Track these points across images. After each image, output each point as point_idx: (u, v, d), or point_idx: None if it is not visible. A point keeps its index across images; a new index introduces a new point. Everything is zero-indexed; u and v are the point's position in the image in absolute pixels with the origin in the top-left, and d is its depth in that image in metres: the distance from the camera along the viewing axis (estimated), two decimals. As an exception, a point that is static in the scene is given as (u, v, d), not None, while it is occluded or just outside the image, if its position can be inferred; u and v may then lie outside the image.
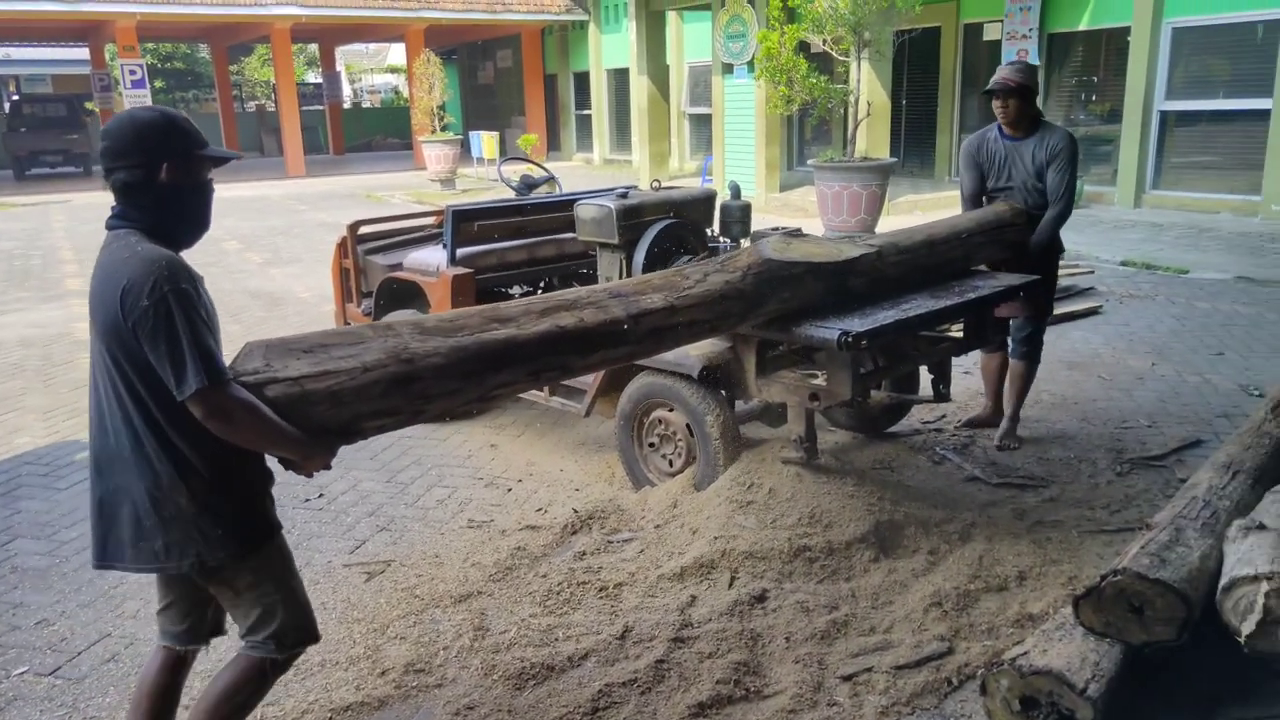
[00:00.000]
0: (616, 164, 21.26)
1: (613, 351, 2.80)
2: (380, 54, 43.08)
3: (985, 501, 3.96)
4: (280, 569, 2.21)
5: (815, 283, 3.38)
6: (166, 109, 2.16)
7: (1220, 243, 9.68)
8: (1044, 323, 4.63)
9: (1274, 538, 2.51)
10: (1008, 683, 2.44)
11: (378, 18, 21.07)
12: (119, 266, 1.96)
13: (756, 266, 3.23)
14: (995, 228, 4.20)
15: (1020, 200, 4.36)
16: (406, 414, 2.30)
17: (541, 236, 5.41)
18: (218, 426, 1.96)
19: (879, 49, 10.33)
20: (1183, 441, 4.52)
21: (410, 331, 2.35)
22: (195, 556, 2.06)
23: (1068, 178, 4.26)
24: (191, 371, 1.90)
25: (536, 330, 2.55)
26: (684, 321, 2.96)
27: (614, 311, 2.78)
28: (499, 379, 2.47)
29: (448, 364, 2.32)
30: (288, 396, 2.07)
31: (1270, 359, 5.77)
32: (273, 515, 2.21)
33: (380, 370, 2.19)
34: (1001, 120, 4.37)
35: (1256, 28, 10.99)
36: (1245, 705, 2.61)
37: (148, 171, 2.03)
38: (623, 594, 3.31)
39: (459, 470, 4.59)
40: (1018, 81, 4.24)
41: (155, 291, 1.90)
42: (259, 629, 2.20)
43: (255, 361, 2.11)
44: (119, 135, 2.04)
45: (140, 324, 1.91)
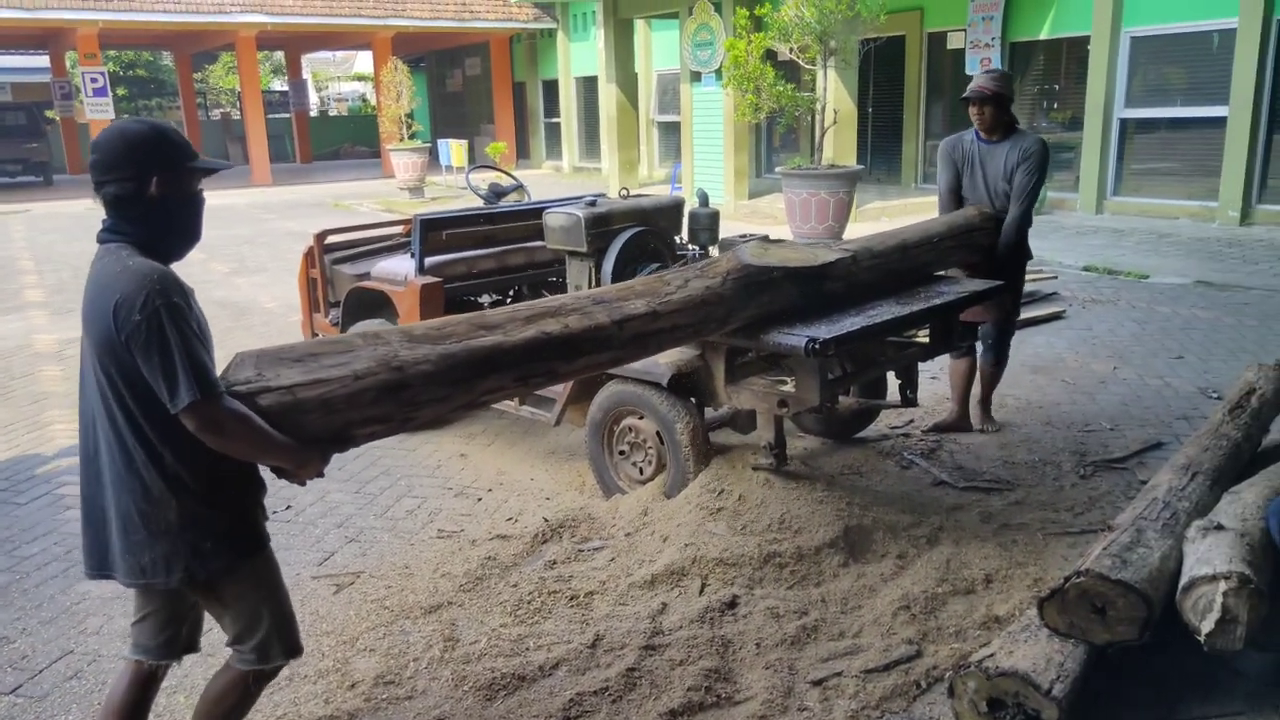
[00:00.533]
0: (586, 172, 21.29)
1: (597, 356, 2.85)
2: (347, 62, 42.81)
3: (952, 505, 4.00)
4: (268, 581, 2.22)
5: (792, 287, 3.43)
6: (156, 122, 2.17)
7: (1179, 248, 9.87)
8: (1011, 326, 4.74)
9: (1232, 538, 2.56)
10: (975, 685, 2.47)
11: (344, 25, 20.95)
12: (111, 281, 1.97)
13: (735, 272, 3.28)
14: (965, 231, 4.30)
15: (989, 203, 4.47)
16: (397, 421, 2.33)
17: (510, 245, 5.41)
18: (211, 439, 1.98)
19: (845, 57, 10.44)
20: (1144, 444, 4.59)
21: (399, 339, 2.38)
22: (184, 570, 2.07)
23: (1033, 181, 4.37)
24: (184, 385, 1.91)
25: (523, 337, 2.59)
26: (667, 326, 3.01)
27: (598, 317, 2.82)
28: (487, 385, 2.51)
29: (437, 371, 2.35)
30: (280, 405, 2.09)
31: (1228, 362, 5.88)
32: (263, 527, 2.22)
33: (371, 378, 2.22)
34: (978, 126, 4.50)
35: (1212, 37, 11.23)
36: (1206, 703, 2.66)
37: (138, 185, 2.04)
38: (594, 602, 3.30)
39: (428, 480, 4.57)
40: (994, 89, 4.38)
41: (148, 306, 1.91)
42: (244, 639, 2.21)
43: (247, 371, 2.13)
44: (109, 148, 2.04)
45: (133, 338, 1.92)
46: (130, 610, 2.28)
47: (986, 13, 13.24)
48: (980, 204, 4.52)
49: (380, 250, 5.72)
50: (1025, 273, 4.78)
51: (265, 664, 2.24)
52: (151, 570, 2.07)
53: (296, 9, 19.85)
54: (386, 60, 19.02)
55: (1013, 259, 4.49)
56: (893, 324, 3.51)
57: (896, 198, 13.71)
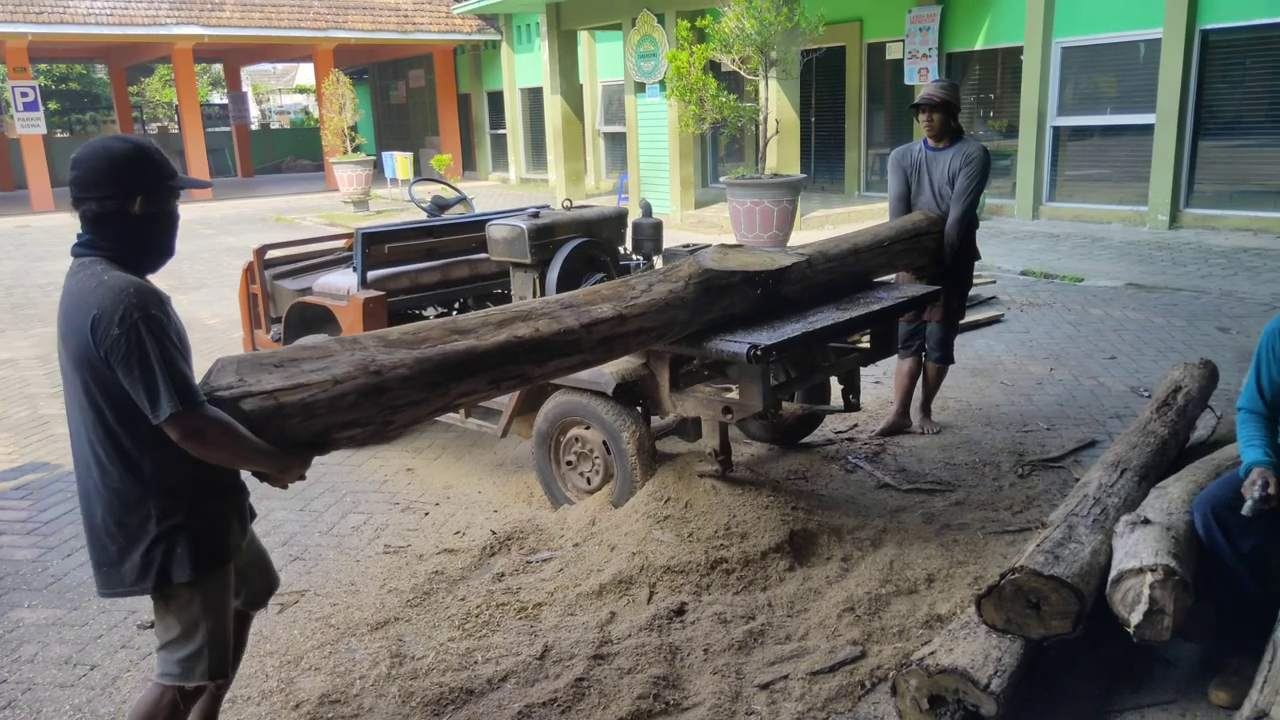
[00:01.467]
0: (533, 183, 21.26)
1: (568, 360, 2.92)
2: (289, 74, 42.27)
3: (896, 507, 4.07)
4: (216, 598, 2.23)
5: (751, 290, 3.54)
6: (139, 140, 2.16)
7: (1112, 251, 10.15)
8: (956, 326, 4.90)
9: (1158, 531, 2.64)
10: (916, 683, 2.51)
11: (284, 38, 20.68)
12: (88, 296, 1.98)
13: (697, 276, 3.38)
14: (914, 235, 4.46)
15: (936, 207, 4.67)
16: (376, 424, 2.38)
17: (454, 257, 5.39)
18: (194, 447, 2.00)
19: (786, 68, 10.58)
20: (1079, 443, 4.72)
21: (376, 344, 2.45)
22: (156, 577, 2.10)
23: (973, 185, 4.55)
24: (165, 396, 1.94)
25: (495, 341, 2.67)
26: (633, 329, 3.11)
27: (567, 321, 2.91)
28: (462, 388, 2.57)
29: (413, 375, 2.41)
30: (263, 410, 2.12)
31: (1158, 361, 6.07)
32: (230, 542, 2.24)
33: (350, 382, 2.28)
34: (926, 132, 4.72)
35: (1139, 46, 11.59)
36: (1138, 692, 2.74)
37: (121, 204, 2.05)
38: (542, 614, 3.30)
39: (374, 495, 4.53)
40: (941, 97, 4.59)
41: (126, 320, 1.93)
42: (175, 648, 2.21)
43: (229, 377, 2.16)
44: (91, 167, 2.04)
45: (113, 352, 1.94)
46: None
47: (923, 24, 13.52)
48: (927, 209, 4.67)
49: (322, 265, 5.67)
50: (972, 274, 4.95)
51: (187, 680, 2.22)
52: (128, 580, 2.11)
53: (235, 21, 19.54)
54: (328, 72, 18.82)
55: (959, 260, 4.65)
56: (833, 330, 3.57)
57: (840, 205, 13.91)
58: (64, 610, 3.53)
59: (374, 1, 21.17)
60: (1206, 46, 10.87)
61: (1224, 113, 11.01)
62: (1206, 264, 9.20)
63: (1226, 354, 6.02)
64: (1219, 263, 9.23)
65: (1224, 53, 10.86)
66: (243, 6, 19.61)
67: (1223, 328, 6.87)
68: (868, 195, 15.13)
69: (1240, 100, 10.92)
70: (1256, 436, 2.76)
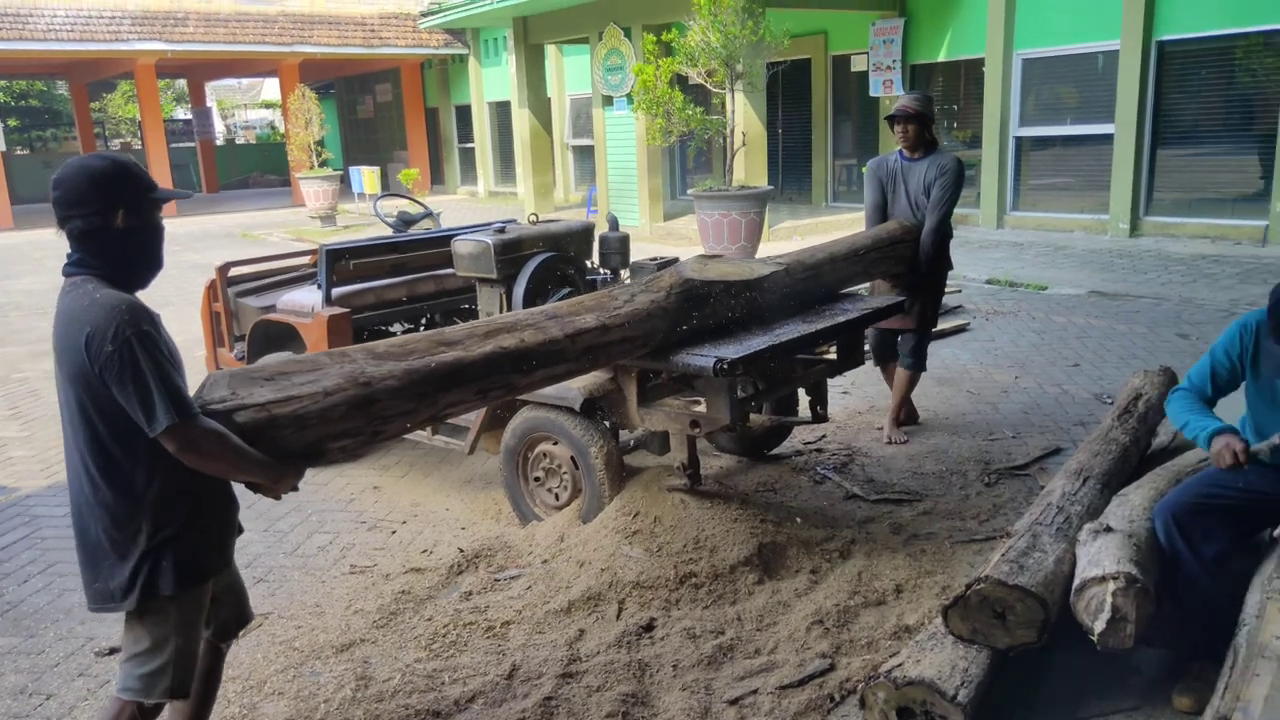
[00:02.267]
0: (502, 196, 21.22)
1: (553, 369, 2.96)
2: (254, 89, 41.94)
3: (864, 518, 4.08)
4: (189, 617, 2.24)
5: (731, 299, 3.57)
6: (117, 156, 2.22)
7: (1074, 260, 10.29)
8: (929, 334, 4.99)
9: (1120, 539, 2.67)
10: (884, 695, 2.51)
11: (249, 53, 20.54)
12: (80, 314, 2.03)
13: (678, 286, 3.43)
14: (889, 244, 4.55)
15: (911, 216, 4.76)
16: (366, 434, 2.43)
17: (420, 273, 5.36)
18: (190, 459, 2.05)
19: (751, 80, 10.65)
20: (1044, 450, 4.76)
21: (364, 357, 2.49)
22: (141, 592, 2.12)
23: (948, 195, 4.66)
24: (161, 409, 1.98)
25: (482, 352, 2.71)
26: (617, 339, 3.15)
27: (552, 332, 2.95)
28: (450, 398, 2.62)
29: (402, 386, 2.46)
30: (255, 422, 2.17)
31: (1120, 368, 6.15)
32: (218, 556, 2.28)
33: (341, 394, 2.32)
34: (901, 143, 4.80)
35: (1097, 58, 11.79)
36: (1104, 700, 2.76)
37: (104, 219, 2.09)
38: (510, 632, 3.27)
39: (340, 515, 4.47)
40: (916, 109, 4.69)
41: (118, 336, 1.98)
42: (141, 662, 2.20)
43: (221, 390, 2.21)
44: (73, 185, 2.09)
45: (107, 369, 1.99)
46: None
47: (887, 36, 13.67)
48: (903, 218, 4.77)
49: (286, 282, 5.61)
50: (945, 282, 5.03)
51: (147, 696, 2.21)
52: (116, 595, 2.13)
53: (198, 36, 19.37)
54: (294, 87, 18.70)
55: (933, 269, 4.75)
56: (798, 342, 3.57)
57: (808, 216, 14.00)
58: (19, 638, 3.45)
59: (340, 16, 21.08)
60: (1163, 57, 11.08)
61: (1181, 122, 11.22)
62: (1166, 271, 9.35)
63: (1186, 360, 6.10)
64: (1178, 270, 9.38)
65: (1180, 63, 11.07)
66: (206, 22, 19.44)
67: (1182, 334, 6.98)
68: (835, 206, 15.25)
69: (1196, 110, 11.13)
70: (1200, 409, 2.84)
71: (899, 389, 5.02)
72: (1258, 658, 2.28)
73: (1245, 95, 10.77)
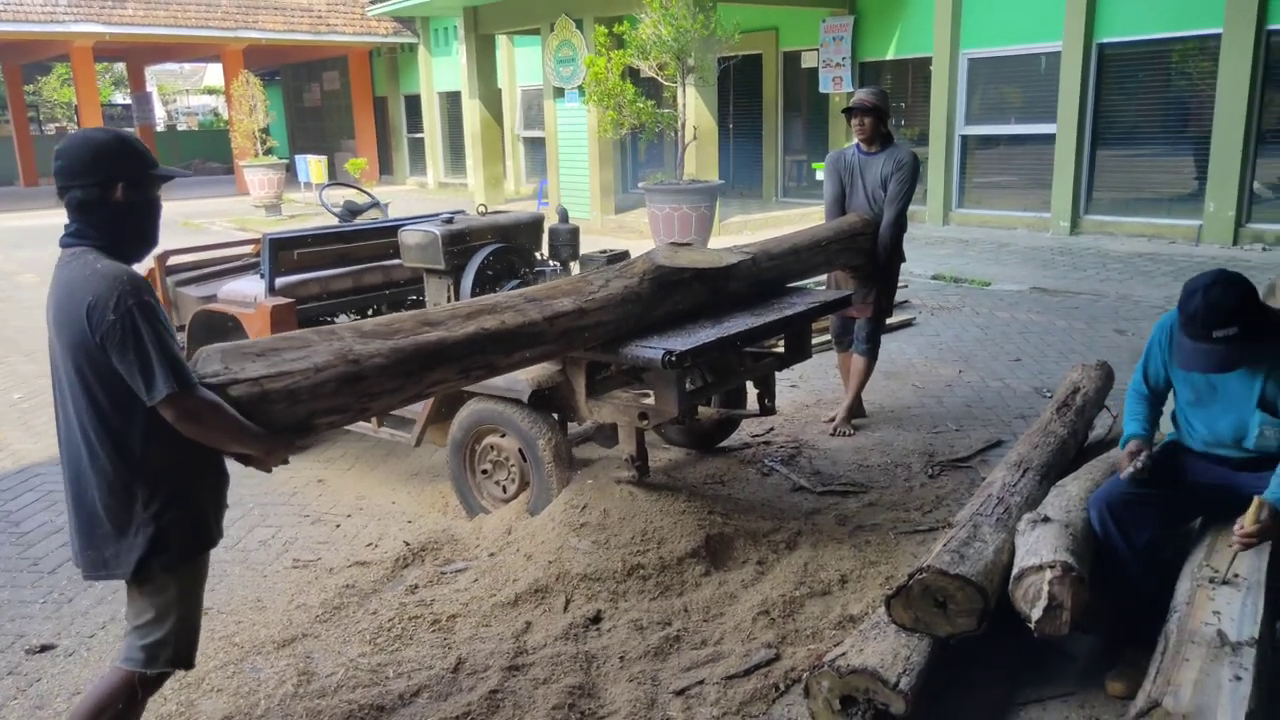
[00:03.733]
0: (452, 187, 21.02)
1: (531, 350, 3.04)
2: (196, 74, 41.00)
3: (810, 509, 4.12)
4: (190, 586, 2.28)
5: (701, 286, 3.68)
6: (119, 131, 2.28)
7: (1017, 256, 10.50)
8: (883, 323, 5.12)
9: (1057, 529, 2.73)
10: (828, 683, 2.54)
11: (191, 37, 20.03)
12: (81, 284, 2.06)
13: (651, 272, 3.52)
14: (849, 236, 4.71)
15: (869, 209, 4.85)
16: (354, 410, 2.52)
17: (367, 263, 5.28)
18: (187, 428, 2.09)
19: (703, 75, 10.67)
20: (986, 443, 4.85)
21: (352, 335, 2.56)
22: (138, 563, 2.16)
23: (905, 189, 4.78)
24: (161, 378, 2.02)
25: (464, 332, 2.80)
26: (592, 323, 3.24)
27: (530, 314, 3.04)
28: (434, 376, 2.71)
29: (389, 364, 2.54)
30: (249, 396, 2.23)
31: (1060, 362, 6.28)
32: (212, 529, 2.30)
33: (330, 370, 2.40)
34: (858, 136, 4.89)
35: (1040, 59, 12.03)
36: (1041, 685, 2.82)
37: (103, 191, 2.14)
38: (456, 625, 3.24)
39: (283, 508, 4.40)
40: (872, 102, 4.80)
41: (120, 306, 2.01)
42: (144, 633, 2.24)
43: (214, 365, 2.26)
44: (75, 156, 2.14)
45: (108, 337, 2.02)
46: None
47: (837, 33, 13.80)
48: (861, 211, 4.85)
49: (228, 271, 5.50)
50: (899, 274, 5.15)
51: (150, 666, 2.24)
52: (112, 564, 2.17)
53: (137, 19, 18.84)
54: (238, 73, 18.31)
55: (888, 261, 4.87)
56: (746, 335, 3.60)
57: (758, 211, 14.09)
58: (-55, 637, 3.34)
59: (285, 2, 20.67)
60: (1103, 60, 11.34)
61: (1120, 123, 11.50)
62: (1105, 268, 9.58)
63: (1123, 355, 6.27)
64: (1116, 267, 9.62)
65: (1119, 65, 11.34)
66: (146, 4, 18.94)
67: (1119, 330, 7.16)
68: (785, 201, 15.37)
69: (1135, 111, 11.42)
70: (1139, 412, 2.98)
71: (856, 377, 5.11)
72: (1187, 643, 2.34)
73: (1181, 98, 11.07)
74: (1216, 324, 2.58)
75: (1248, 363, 2.67)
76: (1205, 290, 2.61)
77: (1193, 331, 2.65)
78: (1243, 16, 9.94)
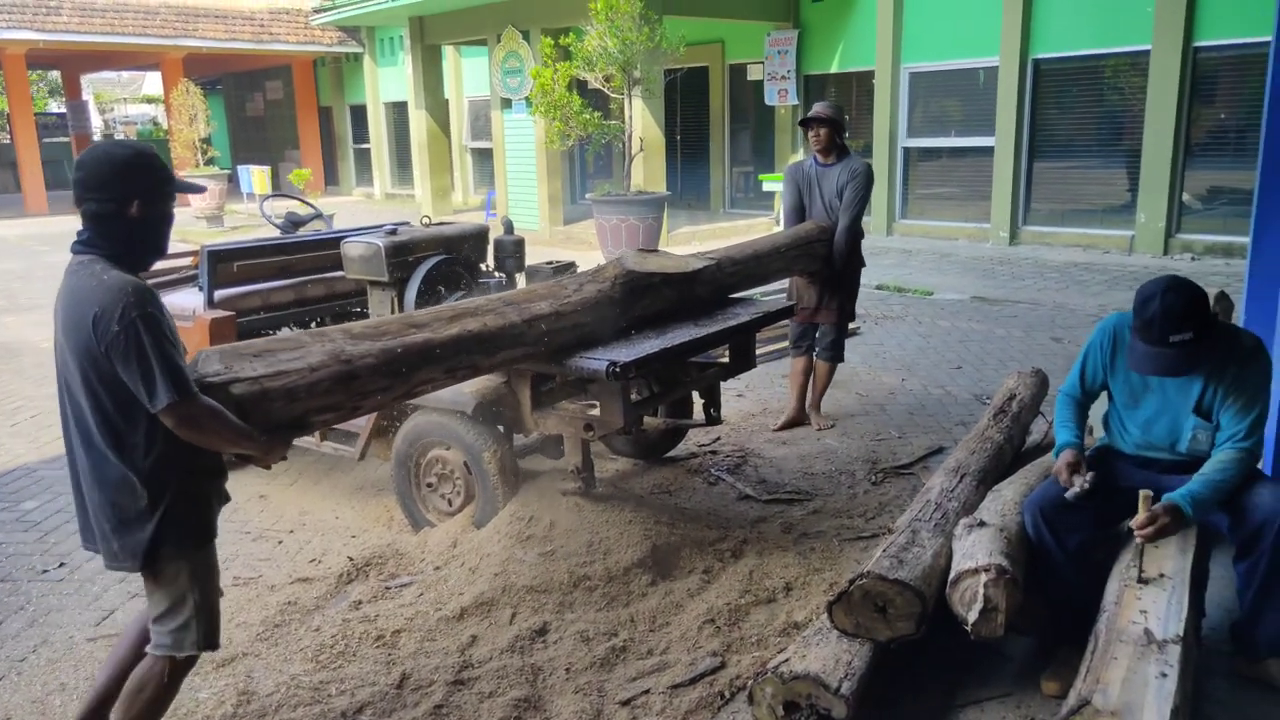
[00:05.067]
0: (399, 199, 20.83)
1: (512, 352, 3.16)
2: (135, 83, 40.12)
3: (756, 518, 4.16)
4: (203, 573, 2.40)
5: (669, 290, 3.85)
6: (140, 146, 2.36)
7: (958, 266, 10.71)
8: (845, 327, 5.30)
9: (992, 533, 2.79)
10: (772, 690, 2.57)
11: (129, 45, 19.57)
12: (88, 294, 2.16)
13: (621, 277, 3.66)
14: (806, 243, 4.96)
15: (826, 217, 5.09)
16: (347, 409, 2.65)
17: (309, 275, 5.22)
18: (187, 433, 2.20)
19: (649, 86, 10.74)
20: (928, 450, 4.94)
21: (343, 336, 2.70)
22: (144, 555, 2.28)
23: (859, 196, 5.02)
24: (162, 387, 2.12)
25: (449, 334, 2.93)
26: (569, 325, 3.38)
27: (510, 317, 3.17)
28: (421, 376, 2.83)
29: (379, 364, 2.67)
30: (250, 394, 2.34)
31: (999, 370, 6.43)
32: (214, 520, 2.44)
33: (325, 370, 2.52)
34: (815, 147, 5.11)
35: (979, 73, 12.31)
36: (979, 686, 2.88)
37: (118, 206, 2.23)
38: (401, 641, 3.22)
39: (224, 525, 4.20)
40: (828, 115, 5.03)
41: (124, 317, 2.11)
42: (166, 620, 2.37)
43: (214, 364, 2.37)
44: (93, 170, 2.24)
45: (113, 347, 2.12)
46: None
47: (781, 47, 13.98)
48: (819, 220, 5.07)
49: (166, 283, 5.38)
50: (859, 279, 5.34)
51: (179, 650, 2.37)
52: (121, 556, 2.30)
53: (73, 26, 18.39)
54: (177, 82, 17.94)
55: (848, 265, 5.09)
56: (690, 346, 3.62)
57: (706, 222, 14.19)
58: None
59: (226, 9, 20.34)
60: (1039, 74, 11.64)
61: (1056, 137, 11.81)
62: (1042, 278, 9.82)
63: (1058, 362, 6.43)
64: (1053, 277, 9.86)
65: (1054, 80, 11.65)
66: (82, 11, 18.49)
67: (1055, 338, 7.34)
68: (732, 213, 15.49)
69: (1069, 125, 11.74)
70: (1069, 418, 3.03)
71: (821, 380, 5.33)
72: (1116, 642, 2.41)
73: (1113, 112, 11.41)
74: (1172, 329, 2.62)
75: (1199, 367, 2.74)
76: (1162, 296, 2.64)
77: (1148, 336, 2.67)
78: (1171, 34, 10.29)
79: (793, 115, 14.20)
